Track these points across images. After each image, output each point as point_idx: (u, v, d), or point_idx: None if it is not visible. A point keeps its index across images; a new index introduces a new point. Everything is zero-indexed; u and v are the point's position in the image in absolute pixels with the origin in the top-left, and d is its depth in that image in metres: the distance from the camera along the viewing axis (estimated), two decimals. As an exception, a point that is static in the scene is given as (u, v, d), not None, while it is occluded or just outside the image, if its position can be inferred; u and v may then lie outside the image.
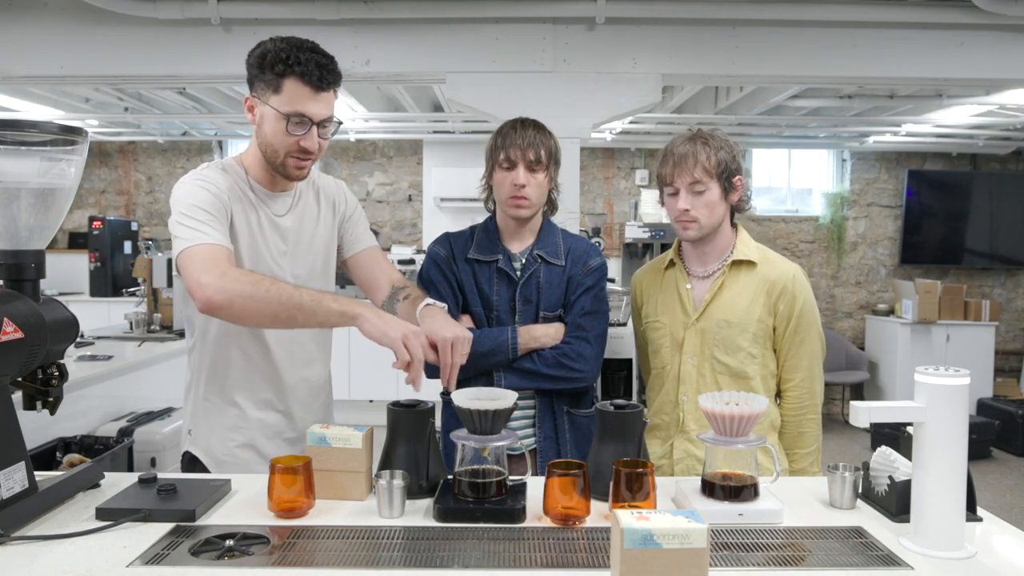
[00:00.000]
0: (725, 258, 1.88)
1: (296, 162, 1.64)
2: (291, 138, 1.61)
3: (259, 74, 1.61)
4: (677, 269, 1.94)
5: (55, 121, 1.94)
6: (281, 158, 1.64)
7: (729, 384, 1.81)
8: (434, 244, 1.99)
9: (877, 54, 3.49)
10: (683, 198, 1.81)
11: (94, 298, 6.28)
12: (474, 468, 1.43)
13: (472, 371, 1.85)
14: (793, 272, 1.86)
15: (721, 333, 1.83)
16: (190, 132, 6.78)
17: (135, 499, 1.38)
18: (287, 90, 1.58)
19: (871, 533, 1.33)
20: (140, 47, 3.46)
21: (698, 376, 1.85)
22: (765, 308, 1.84)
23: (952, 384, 1.23)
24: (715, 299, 1.86)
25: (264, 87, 1.60)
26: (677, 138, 1.85)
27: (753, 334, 1.83)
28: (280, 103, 1.59)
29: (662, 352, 1.91)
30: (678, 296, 1.90)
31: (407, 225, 7.12)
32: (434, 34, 3.47)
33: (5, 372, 1.31)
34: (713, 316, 1.85)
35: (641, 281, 2.03)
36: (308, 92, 1.59)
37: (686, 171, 1.79)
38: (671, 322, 1.90)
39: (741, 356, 1.83)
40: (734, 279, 1.86)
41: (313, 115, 1.60)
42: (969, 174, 7.01)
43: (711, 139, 1.82)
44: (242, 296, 1.47)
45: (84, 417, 3.18)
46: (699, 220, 1.82)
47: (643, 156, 7.08)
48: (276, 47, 1.59)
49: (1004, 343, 7.03)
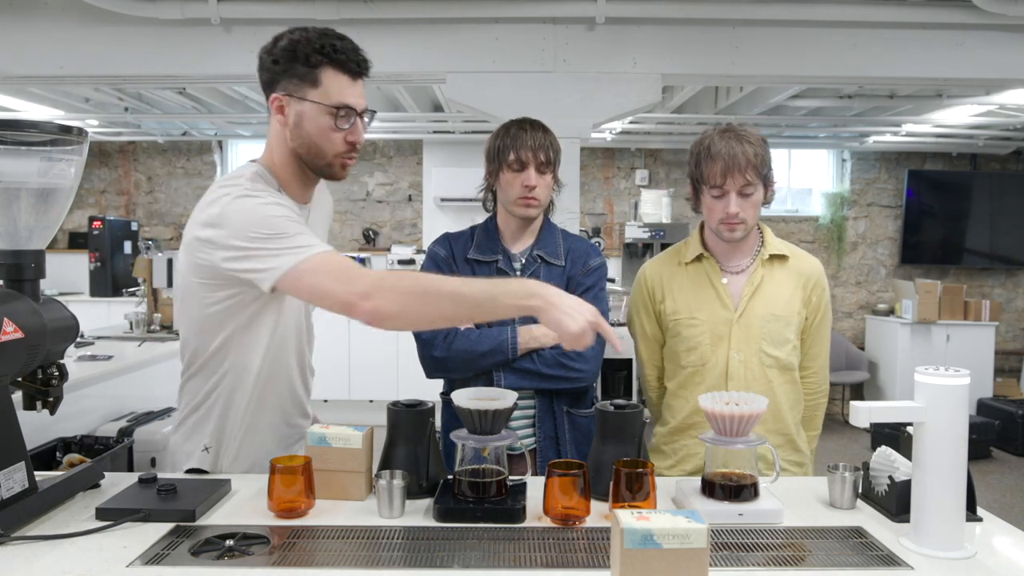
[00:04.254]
0: (755, 252, 1.89)
1: (343, 160, 1.52)
2: (338, 133, 1.49)
3: (289, 68, 1.46)
4: (708, 264, 1.89)
5: (55, 121, 1.93)
6: (328, 158, 1.51)
7: (777, 376, 1.84)
8: (434, 244, 1.99)
9: (877, 54, 3.49)
10: (734, 201, 1.75)
11: (94, 298, 6.28)
12: (474, 468, 1.42)
13: (471, 371, 1.85)
14: (820, 266, 1.93)
15: (768, 327, 1.83)
16: (190, 132, 6.78)
17: (135, 499, 1.38)
18: (326, 81, 1.46)
19: (871, 533, 1.33)
20: (140, 47, 3.46)
21: (746, 371, 1.83)
22: (801, 300, 1.87)
23: (952, 384, 1.23)
24: (756, 293, 1.85)
25: (298, 82, 1.46)
26: (712, 135, 1.78)
27: (796, 326, 1.86)
28: (322, 96, 1.46)
29: (700, 348, 1.86)
30: (714, 291, 1.87)
31: (407, 225, 7.12)
32: (434, 34, 3.47)
33: (5, 372, 1.31)
34: (757, 310, 1.84)
35: (657, 275, 1.95)
36: (347, 81, 1.48)
37: (738, 172, 1.73)
38: (710, 318, 1.85)
39: (788, 348, 1.85)
40: (771, 273, 1.87)
41: (356, 105, 1.49)
42: (969, 174, 7.01)
43: (750, 136, 1.76)
44: (414, 302, 1.35)
45: (84, 417, 3.18)
46: (747, 222, 1.79)
47: (643, 156, 7.08)
48: (305, 37, 1.46)
49: (1004, 343, 7.03)
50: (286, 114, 1.50)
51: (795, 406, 1.90)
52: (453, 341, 1.84)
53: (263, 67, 1.51)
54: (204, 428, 1.61)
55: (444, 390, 1.99)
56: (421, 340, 1.88)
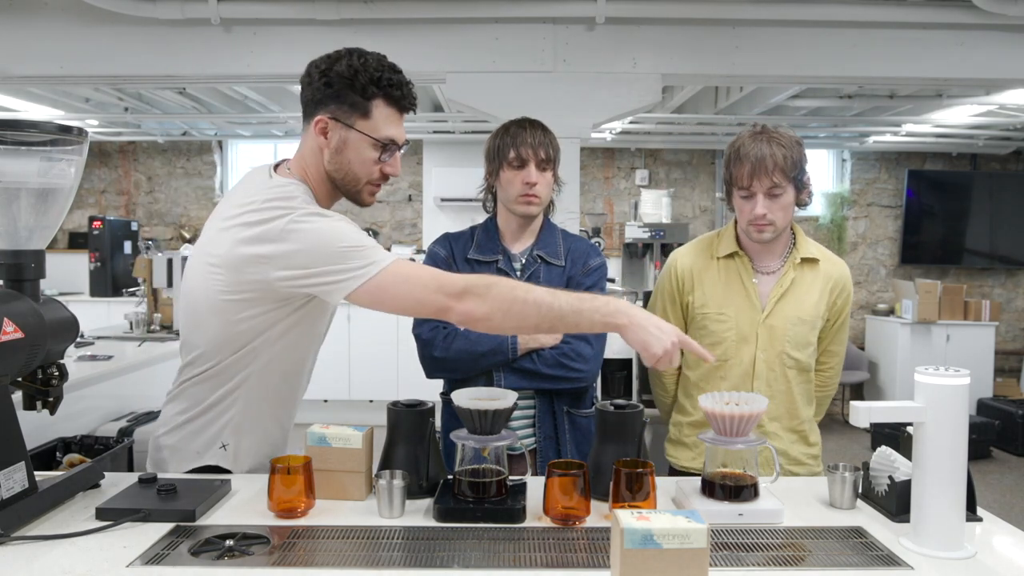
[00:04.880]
0: (786, 254, 1.91)
1: (372, 188, 1.56)
2: (378, 165, 1.52)
3: (342, 93, 1.47)
4: (741, 262, 1.91)
5: (55, 121, 1.94)
6: (361, 185, 1.54)
7: (796, 377, 1.88)
8: (434, 244, 1.99)
9: (877, 54, 3.49)
10: (760, 203, 1.78)
11: (94, 298, 6.28)
12: (474, 468, 1.42)
13: (472, 371, 1.85)
14: (847, 270, 1.95)
15: (793, 330, 1.86)
16: (190, 132, 6.78)
17: (135, 499, 1.38)
18: (377, 114, 1.48)
19: (871, 533, 1.33)
20: (140, 47, 3.46)
21: (768, 370, 1.87)
22: (826, 304, 1.90)
23: (952, 384, 1.23)
24: (785, 296, 1.87)
25: (348, 110, 1.47)
26: (745, 136, 1.80)
27: (819, 329, 1.90)
28: (371, 128, 1.49)
29: (725, 344, 1.88)
30: (745, 290, 1.89)
31: (407, 225, 7.12)
32: (434, 34, 3.47)
33: (5, 372, 1.31)
34: (784, 312, 1.86)
35: (691, 266, 1.95)
36: (395, 115, 1.51)
37: (765, 175, 1.75)
38: (737, 315, 1.88)
39: (809, 351, 1.89)
40: (801, 276, 1.89)
41: (399, 139, 1.53)
42: (969, 174, 7.01)
43: (782, 137, 1.78)
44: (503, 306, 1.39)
45: (84, 417, 3.18)
46: (775, 223, 1.80)
47: (643, 156, 7.08)
48: (363, 66, 1.46)
49: (1004, 343, 7.03)
50: (328, 137, 1.50)
51: (809, 402, 1.95)
52: (453, 341, 1.84)
53: (312, 84, 1.50)
54: (214, 427, 1.58)
55: (444, 390, 1.99)
56: (421, 340, 1.88)
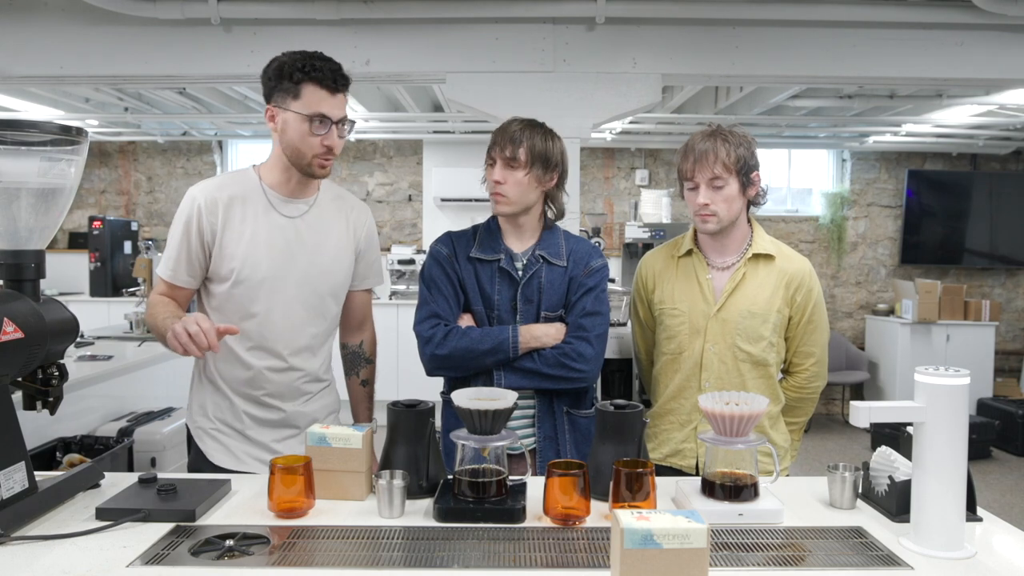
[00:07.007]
0: (743, 251, 1.97)
1: (320, 160, 1.80)
2: (315, 138, 1.76)
3: (278, 84, 1.76)
4: (696, 259, 2.00)
5: (55, 121, 1.94)
6: (308, 159, 1.79)
7: (750, 371, 1.92)
8: (436, 243, 1.99)
9: (877, 54, 3.48)
10: (703, 193, 1.88)
11: (94, 298, 6.27)
12: (474, 468, 1.43)
13: (472, 369, 1.85)
14: (808, 266, 1.99)
15: (744, 323, 1.91)
16: (190, 132, 6.78)
17: (135, 499, 1.38)
18: (306, 95, 1.74)
19: (871, 533, 1.33)
20: (140, 47, 3.45)
21: (719, 363, 1.92)
22: (783, 300, 1.94)
23: (952, 384, 1.23)
24: (737, 290, 1.93)
25: (284, 95, 1.76)
26: (697, 134, 1.92)
27: (773, 324, 1.93)
28: (301, 107, 1.75)
29: (679, 338, 1.97)
30: (698, 285, 1.96)
31: (407, 225, 7.12)
32: (434, 34, 3.47)
33: (5, 372, 1.31)
34: (735, 306, 1.92)
35: (653, 265, 2.08)
36: (325, 95, 1.76)
37: (706, 167, 1.86)
38: (690, 310, 1.96)
39: (763, 345, 1.92)
40: (754, 271, 1.95)
41: (331, 115, 1.77)
42: (969, 174, 7.01)
43: (730, 135, 1.89)
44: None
45: (84, 417, 3.18)
46: (718, 214, 1.89)
47: (643, 156, 7.08)
48: (291, 59, 1.76)
49: (1004, 343, 7.03)
50: (276, 122, 1.80)
51: (772, 401, 1.96)
52: (454, 339, 1.84)
53: (262, 83, 1.81)
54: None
55: (444, 390, 1.99)
56: (422, 338, 1.88)
